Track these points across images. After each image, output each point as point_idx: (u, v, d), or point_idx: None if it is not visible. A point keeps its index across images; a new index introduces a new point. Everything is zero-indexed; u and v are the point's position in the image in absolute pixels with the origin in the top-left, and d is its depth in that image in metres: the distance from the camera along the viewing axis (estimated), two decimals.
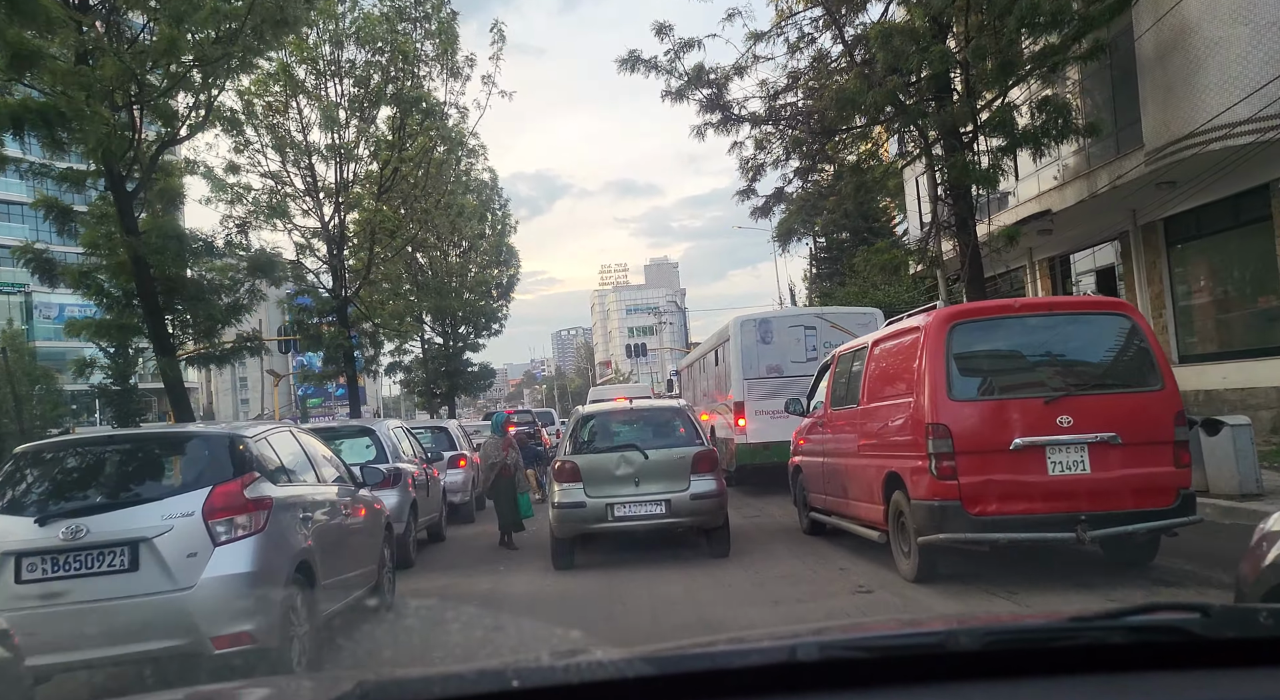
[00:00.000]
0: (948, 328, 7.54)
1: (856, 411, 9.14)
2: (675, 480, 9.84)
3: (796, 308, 28.45)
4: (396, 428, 11.91)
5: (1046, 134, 14.86)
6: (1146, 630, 1.54)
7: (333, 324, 22.61)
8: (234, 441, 5.70)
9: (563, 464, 10.21)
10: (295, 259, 21.94)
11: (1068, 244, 20.84)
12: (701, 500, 9.81)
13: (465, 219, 27.43)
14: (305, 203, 21.95)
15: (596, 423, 10.84)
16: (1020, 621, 2.00)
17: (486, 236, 36.51)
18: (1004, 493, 7.16)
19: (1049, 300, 9.61)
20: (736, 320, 18.01)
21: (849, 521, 9.40)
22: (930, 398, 7.36)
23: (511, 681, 1.38)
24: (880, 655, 1.49)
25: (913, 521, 7.57)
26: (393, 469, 10.29)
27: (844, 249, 35.65)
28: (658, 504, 9.78)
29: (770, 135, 18.60)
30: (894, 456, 8.02)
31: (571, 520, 9.81)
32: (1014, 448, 7.14)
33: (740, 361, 16.95)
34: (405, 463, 11.08)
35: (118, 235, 11.91)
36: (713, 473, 10.09)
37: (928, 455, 7.30)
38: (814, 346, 16.99)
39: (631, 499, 9.77)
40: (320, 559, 5.95)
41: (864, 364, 9.13)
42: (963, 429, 7.24)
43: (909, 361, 7.88)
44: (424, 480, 11.65)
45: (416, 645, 6.88)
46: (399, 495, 10.26)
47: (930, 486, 7.30)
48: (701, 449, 10.19)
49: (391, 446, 10.69)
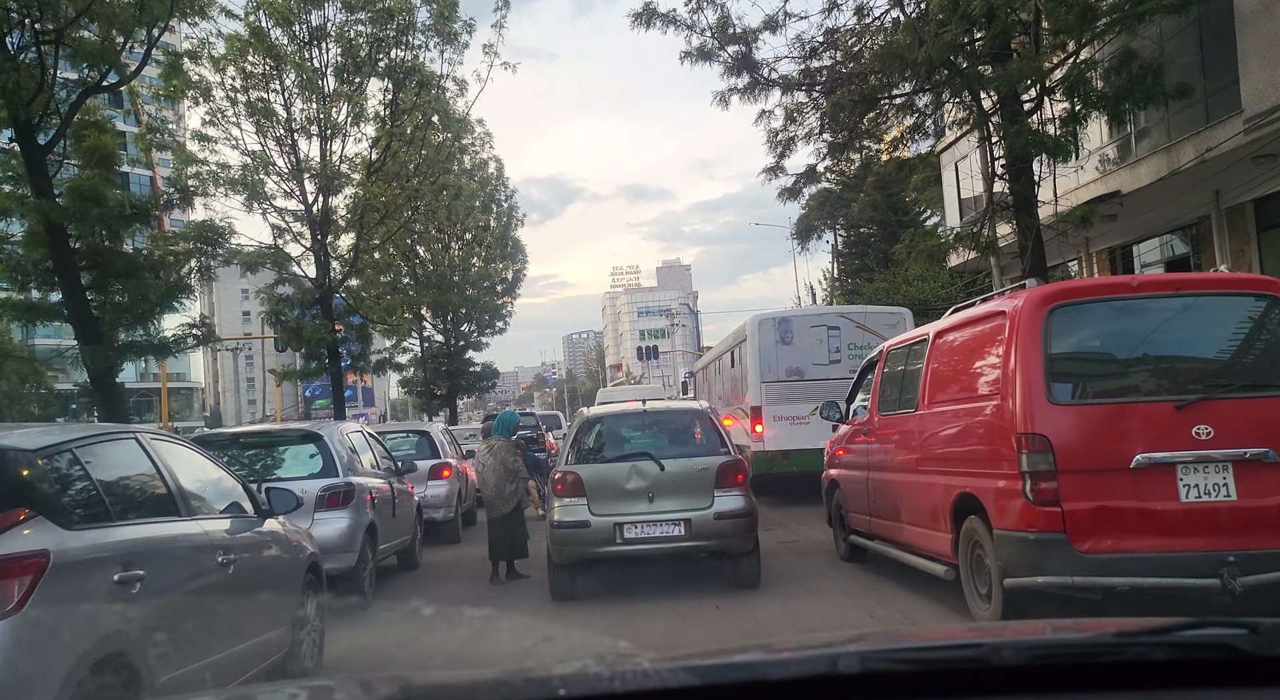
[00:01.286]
0: (1045, 311, 6.05)
1: (914, 417, 7.78)
2: (696, 496, 8.36)
3: (819, 306, 26.21)
4: (355, 432, 9.78)
5: (1130, 96, 12.69)
6: (1193, 646, 1.50)
7: (317, 317, 20.58)
8: None
9: (564, 476, 8.55)
10: (274, 244, 19.91)
11: (1132, 232, 18.63)
12: (727, 520, 8.29)
13: (463, 203, 25.32)
14: (289, 185, 19.93)
15: (604, 428, 9.17)
16: (1063, 635, 1.83)
17: (491, 229, 34.48)
18: (1123, 524, 5.74)
19: (1177, 277, 7.65)
20: (754, 319, 16.47)
21: (900, 549, 8.09)
22: (1024, 401, 5.93)
23: (558, 690, 1.38)
24: (922, 667, 1.47)
25: (996, 557, 6.17)
26: (339, 486, 8.22)
27: (870, 244, 33.53)
28: (675, 524, 8.28)
29: (803, 105, 16.48)
30: (968, 473, 6.65)
31: (573, 543, 8.32)
32: (1135, 466, 5.71)
33: (758, 363, 15.57)
34: (364, 476, 8.97)
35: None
36: (741, 487, 8.51)
37: (1020, 473, 5.89)
38: (837, 348, 15.56)
39: (644, 518, 8.29)
40: (156, 643, 3.79)
41: (924, 360, 7.71)
42: (1067, 441, 5.83)
43: (991, 355, 6.50)
44: (390, 497, 9.56)
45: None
46: (350, 518, 8.19)
47: (1023, 514, 5.88)
48: (727, 459, 8.55)
49: (343, 456, 8.56)
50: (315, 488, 8.06)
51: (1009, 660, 1.44)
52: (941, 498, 6.98)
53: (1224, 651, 1.47)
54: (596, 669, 1.48)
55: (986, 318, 6.75)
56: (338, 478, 8.25)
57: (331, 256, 20.95)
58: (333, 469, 8.30)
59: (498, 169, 35.14)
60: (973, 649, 1.57)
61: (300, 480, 8.02)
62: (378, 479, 9.42)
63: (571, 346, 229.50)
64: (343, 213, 20.65)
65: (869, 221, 32.40)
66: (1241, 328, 6.34)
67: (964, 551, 6.69)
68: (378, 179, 20.54)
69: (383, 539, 9.06)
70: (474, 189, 28.50)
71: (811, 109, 16.51)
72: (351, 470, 8.54)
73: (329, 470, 8.28)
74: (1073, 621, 2.11)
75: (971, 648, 1.59)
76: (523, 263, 37.41)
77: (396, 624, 8.16)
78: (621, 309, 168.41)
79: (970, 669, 1.46)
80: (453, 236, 33.47)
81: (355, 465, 8.78)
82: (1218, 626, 1.56)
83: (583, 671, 1.48)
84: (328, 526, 7.88)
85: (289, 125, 19.26)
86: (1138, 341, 6.22)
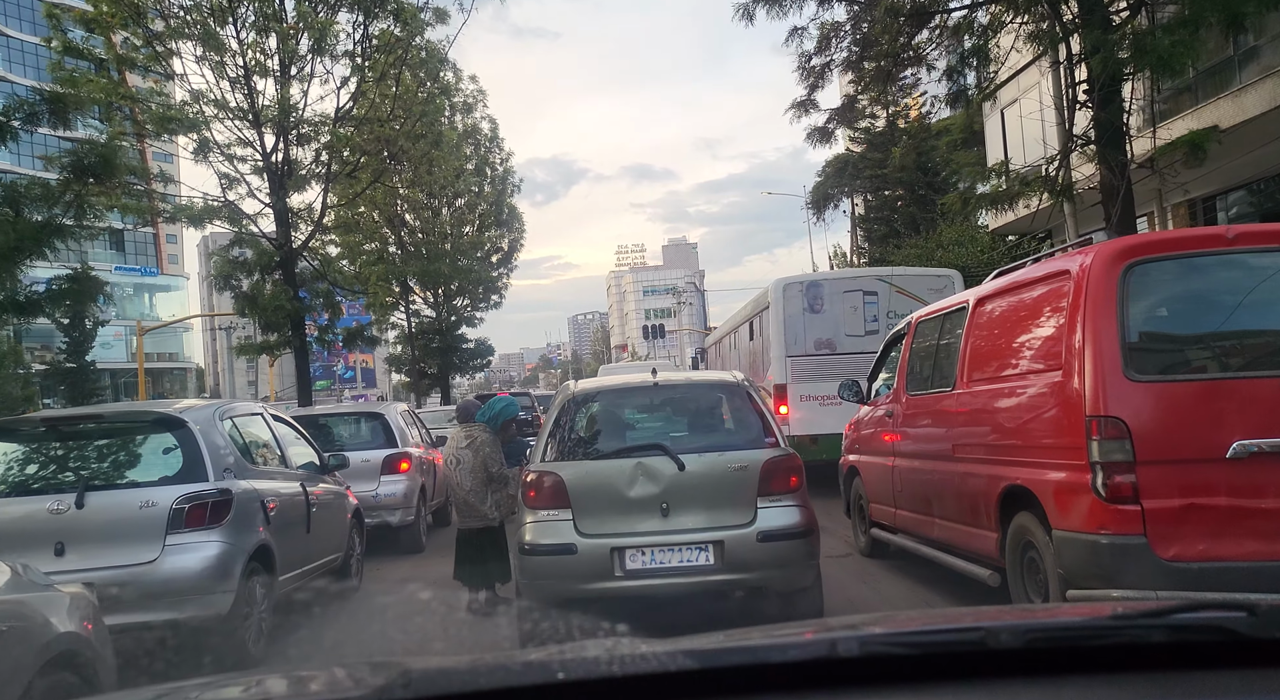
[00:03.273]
0: (1120, 269, 5.15)
1: (951, 397, 6.86)
2: (732, 507, 5.84)
3: (853, 269, 23.54)
4: (249, 416, 7.13)
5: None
6: (1190, 629, 1.52)
7: (278, 282, 18.07)
8: None
9: (538, 479, 5.97)
10: (224, 198, 17.36)
11: (1219, 180, 15.94)
12: (778, 543, 5.78)
13: (446, 153, 22.61)
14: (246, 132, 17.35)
15: (598, 409, 6.62)
16: (1061, 618, 1.81)
17: (484, 194, 31.84)
18: (1217, 526, 4.90)
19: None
20: (778, 283, 14.46)
21: (932, 547, 7.22)
22: (1094, 377, 5.09)
23: (557, 673, 1.39)
24: (921, 651, 1.49)
25: (1057, 562, 5.32)
26: (208, 494, 5.59)
27: (897, 209, 30.84)
28: (701, 549, 5.76)
29: (840, 24, 13.82)
30: (1019, 462, 5.79)
31: (551, 576, 5.80)
32: (1232, 455, 4.87)
33: (782, 334, 13.93)
34: (257, 477, 6.36)
35: None
36: (796, 495, 5.99)
37: (1090, 464, 5.04)
38: (875, 316, 13.85)
39: (655, 540, 5.75)
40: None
41: (963, 331, 6.78)
42: (1149, 424, 4.99)
43: (1050, 323, 5.62)
44: (303, 503, 6.97)
45: None
46: (221, 544, 5.55)
47: (1093, 512, 5.05)
48: (776, 453, 6.00)
49: (219, 451, 5.93)
50: (169, 499, 5.50)
51: (1007, 643, 1.45)
52: (985, 490, 6.11)
53: (1221, 634, 1.47)
54: (595, 652, 1.49)
55: (1044, 279, 5.76)
56: (206, 483, 5.66)
57: (296, 214, 18.42)
58: (199, 470, 5.70)
59: (492, 130, 32.52)
60: (971, 632, 1.55)
61: (146, 488, 5.49)
62: (284, 480, 6.83)
63: (577, 328, 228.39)
64: (309, 163, 18.08)
65: (896, 183, 29.67)
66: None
67: (1013, 554, 5.84)
68: (347, 124, 17.99)
69: (289, 564, 6.47)
70: (456, 137, 25.78)
71: (851, 30, 13.86)
72: (232, 470, 5.93)
73: (193, 472, 5.69)
74: (1071, 605, 2.14)
75: (970, 631, 1.57)
76: (519, 232, 34.78)
77: None
78: (627, 288, 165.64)
79: (969, 652, 1.46)
80: (443, 201, 30.91)
81: (241, 464, 6.15)
82: (1215, 609, 1.56)
83: (581, 655, 1.50)
84: (183, 558, 5.34)
85: (241, 56, 16.66)
86: (1235, 305, 5.29)
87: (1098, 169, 12.57)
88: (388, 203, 28.70)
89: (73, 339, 36.22)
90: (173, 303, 78.11)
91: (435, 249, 29.59)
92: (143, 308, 75.71)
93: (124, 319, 66.93)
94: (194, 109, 16.04)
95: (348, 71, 17.81)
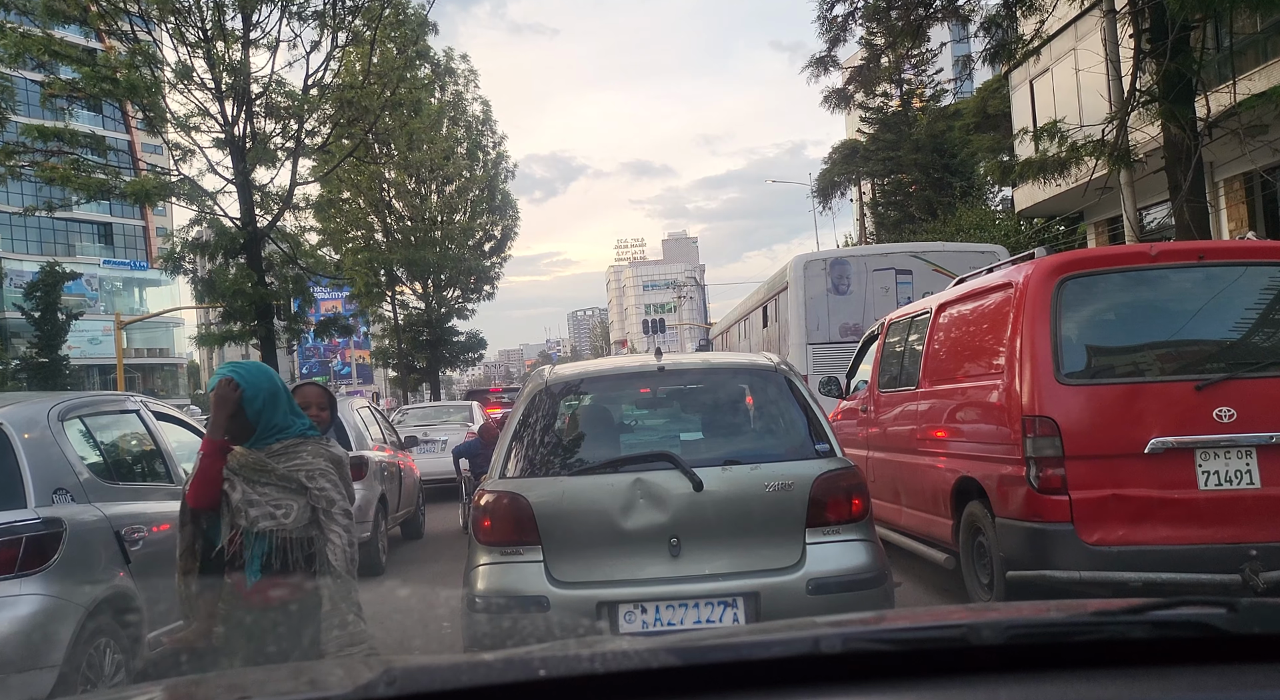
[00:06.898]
0: (1055, 283, 5.55)
1: (914, 395, 7.30)
2: (769, 542, 4.21)
3: (885, 245, 21.83)
4: (114, 414, 5.19)
5: None
6: (1170, 625, 1.50)
7: (242, 266, 16.48)
8: None
9: (494, 502, 4.28)
10: (179, 172, 15.75)
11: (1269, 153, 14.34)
12: (836, 595, 4.12)
13: (425, 123, 20.91)
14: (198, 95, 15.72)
15: (583, 404, 4.89)
16: (1043, 615, 1.81)
17: (475, 178, 30.19)
18: (1136, 514, 5.27)
19: (1198, 245, 6.41)
20: (799, 259, 13.00)
21: (899, 533, 7.57)
22: (1031, 379, 5.48)
23: (539, 670, 1.38)
24: (904, 648, 1.48)
25: (999, 547, 5.71)
26: (24, 526, 3.91)
27: (910, 193, 29.20)
28: (727, 604, 4.10)
29: None
30: (969, 457, 6.25)
31: (515, 645, 3.96)
32: (1150, 451, 5.24)
33: (803, 319, 12.52)
34: (111, 501, 4.63)
35: None
36: (859, 525, 4.30)
37: (1024, 459, 5.42)
38: (909, 299, 12.32)
39: (663, 591, 4.10)
40: None
41: (925, 334, 7.23)
42: (1076, 423, 5.37)
43: (996, 330, 6.03)
44: (142, 541, 5.25)
45: None
46: (42, 597, 3.81)
47: (1027, 502, 5.44)
48: (833, 467, 4.32)
49: (58, 470, 4.15)
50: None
51: (989, 640, 1.45)
52: (942, 482, 6.70)
53: (1202, 630, 1.47)
54: (577, 649, 1.47)
55: (992, 290, 6.32)
56: (22, 511, 3.96)
57: (264, 193, 16.81)
58: (13, 493, 3.97)
59: (484, 111, 30.85)
60: (953, 629, 1.55)
61: None
62: (167, 499, 5.17)
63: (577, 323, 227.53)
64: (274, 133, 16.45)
65: (910, 165, 28.03)
66: (1270, 301, 5.74)
67: (964, 538, 6.38)
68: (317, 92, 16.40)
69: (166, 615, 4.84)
70: (436, 108, 24.08)
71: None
72: (71, 491, 4.21)
73: (4, 496, 3.99)
74: (1054, 602, 2.08)
75: (952, 628, 1.57)
76: (513, 218, 33.08)
77: None
78: (627, 282, 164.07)
79: (952, 648, 1.46)
80: (431, 187, 29.29)
81: (92, 482, 4.45)
82: (1195, 605, 1.57)
83: (563, 652, 1.48)
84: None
85: (199, 13, 15.05)
86: (1156, 316, 5.79)
87: (1162, 129, 10.98)
88: (372, 187, 27.10)
89: (44, 332, 34.57)
90: (164, 297, 76.43)
91: (423, 236, 28.00)
92: (132, 302, 74.06)
93: (112, 313, 65.42)
94: (141, 73, 14.40)
95: (318, 35, 16.23)
